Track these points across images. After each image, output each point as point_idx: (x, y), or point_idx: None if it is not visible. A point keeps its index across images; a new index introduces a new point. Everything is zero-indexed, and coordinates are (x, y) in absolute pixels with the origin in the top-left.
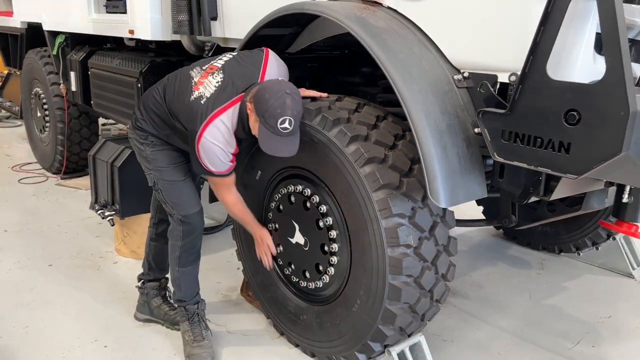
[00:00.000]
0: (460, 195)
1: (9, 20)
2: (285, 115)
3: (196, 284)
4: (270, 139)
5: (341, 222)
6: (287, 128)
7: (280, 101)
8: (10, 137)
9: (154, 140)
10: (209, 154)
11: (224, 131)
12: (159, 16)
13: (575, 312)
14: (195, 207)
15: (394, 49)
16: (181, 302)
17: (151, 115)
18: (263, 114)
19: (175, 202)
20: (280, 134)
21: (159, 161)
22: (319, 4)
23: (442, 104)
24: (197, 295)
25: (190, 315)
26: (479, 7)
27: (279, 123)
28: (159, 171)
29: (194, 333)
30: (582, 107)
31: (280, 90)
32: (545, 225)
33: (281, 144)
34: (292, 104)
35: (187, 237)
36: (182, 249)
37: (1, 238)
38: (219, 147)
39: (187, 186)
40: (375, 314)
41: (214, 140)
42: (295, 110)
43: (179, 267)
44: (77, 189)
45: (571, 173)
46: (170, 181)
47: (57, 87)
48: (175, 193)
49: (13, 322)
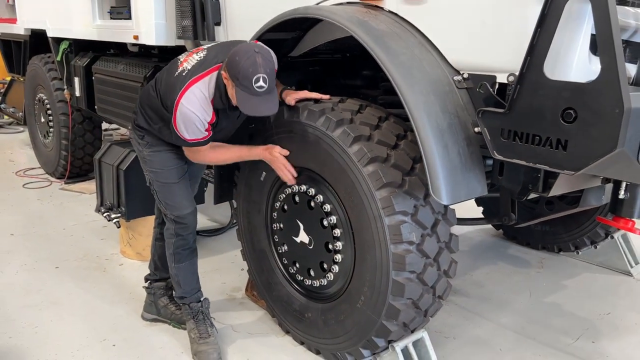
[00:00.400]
0: (462, 192)
1: (13, 27)
2: (258, 73)
3: (195, 280)
4: (249, 100)
5: (345, 220)
6: (263, 86)
7: (250, 60)
8: (13, 143)
9: (150, 140)
10: (185, 120)
11: (200, 98)
12: (163, 22)
13: (574, 309)
14: (188, 208)
15: (396, 52)
16: (183, 299)
17: (146, 109)
18: (237, 76)
19: (169, 203)
20: (258, 94)
21: (155, 163)
22: (322, 9)
23: (442, 104)
24: (198, 292)
25: (194, 313)
26: (477, 10)
27: (253, 82)
28: (154, 173)
29: (199, 331)
30: (578, 105)
31: (249, 51)
32: (545, 225)
33: (260, 103)
34: (263, 61)
35: (179, 235)
36: (175, 246)
37: (8, 241)
38: (194, 114)
39: (180, 188)
40: (379, 309)
41: (190, 106)
42: (267, 67)
43: (175, 263)
44: (81, 193)
45: (569, 169)
46: (164, 183)
47: (61, 93)
48: (169, 195)
49: (22, 323)
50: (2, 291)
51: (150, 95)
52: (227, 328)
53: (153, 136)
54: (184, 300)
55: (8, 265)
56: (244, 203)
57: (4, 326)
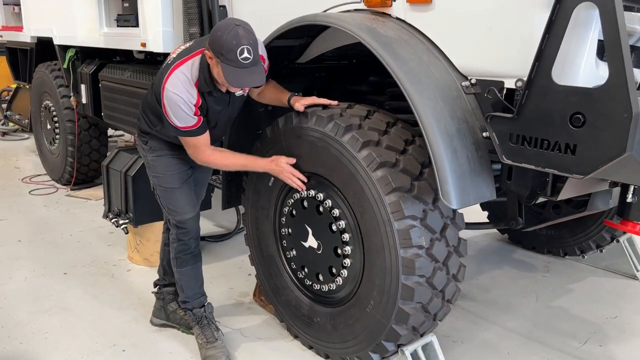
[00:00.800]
0: (471, 196)
1: (19, 35)
2: (242, 45)
3: (198, 285)
4: (236, 73)
5: (354, 225)
6: (248, 57)
7: (232, 33)
8: (18, 150)
9: (153, 145)
10: (171, 105)
11: (183, 80)
12: (170, 29)
13: (581, 313)
14: (190, 213)
15: (404, 58)
16: (185, 303)
17: (147, 113)
18: (221, 51)
19: (170, 207)
20: (244, 66)
21: (158, 168)
22: (331, 16)
23: (451, 110)
24: (201, 297)
25: (198, 319)
26: (485, 16)
27: (238, 54)
28: (157, 178)
29: (205, 336)
30: (586, 110)
31: (230, 24)
32: (550, 229)
33: (247, 75)
34: (245, 33)
35: (181, 240)
36: (176, 250)
37: (16, 248)
38: (178, 96)
39: (182, 193)
40: (389, 314)
41: (174, 90)
42: (250, 39)
43: (177, 267)
44: (87, 199)
45: (577, 173)
46: (166, 188)
47: (68, 100)
48: (171, 199)
49: (32, 329)
50: (12, 297)
51: (148, 98)
52: (235, 333)
53: (156, 140)
54: (187, 305)
55: (17, 272)
56: (252, 208)
57: (14, 332)
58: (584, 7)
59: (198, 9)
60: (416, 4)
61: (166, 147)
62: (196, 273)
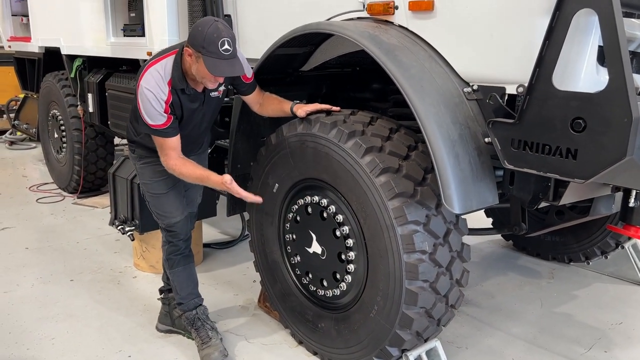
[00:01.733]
0: (473, 201)
1: (27, 45)
2: (223, 37)
3: (191, 286)
4: (217, 64)
5: (357, 230)
6: (229, 49)
7: (213, 27)
8: (26, 159)
9: (139, 153)
10: (143, 101)
11: (156, 77)
12: (176, 38)
13: (586, 319)
14: (177, 217)
15: (407, 65)
16: (181, 305)
17: (132, 122)
18: (202, 44)
19: (159, 212)
20: (225, 57)
21: (145, 175)
22: (334, 24)
23: (453, 115)
24: (195, 298)
25: (191, 321)
26: (486, 23)
27: (219, 46)
28: (145, 184)
29: (200, 337)
30: (587, 115)
31: (209, 20)
32: (555, 235)
33: (227, 65)
34: (224, 27)
35: (170, 242)
36: (167, 252)
37: (23, 255)
38: (150, 92)
39: (169, 198)
40: (393, 318)
41: (147, 86)
42: (229, 33)
43: (169, 269)
44: (93, 207)
45: (579, 178)
46: (153, 194)
47: (75, 109)
48: (159, 205)
49: (40, 335)
50: (19, 304)
51: (133, 107)
52: (240, 339)
53: (142, 147)
54: (182, 306)
55: (24, 279)
56: (257, 215)
57: (21, 338)
58: (584, 14)
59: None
60: (418, 11)
61: (152, 154)
62: (188, 274)
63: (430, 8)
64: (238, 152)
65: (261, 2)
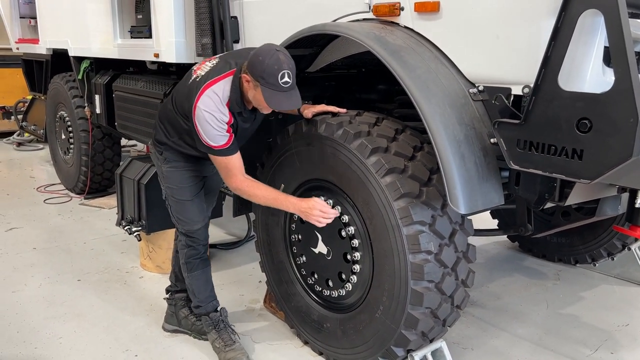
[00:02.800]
0: (479, 202)
1: (35, 47)
2: (283, 70)
3: (209, 288)
4: (275, 96)
5: (363, 231)
6: (288, 82)
7: (274, 58)
8: (33, 160)
9: (168, 156)
10: (202, 123)
11: (215, 100)
12: (183, 40)
13: (592, 321)
14: (198, 224)
15: (412, 65)
16: (199, 308)
17: (164, 123)
18: (262, 74)
19: (181, 218)
20: (283, 89)
21: (171, 180)
22: (340, 25)
23: (459, 116)
24: (213, 300)
25: (215, 323)
26: (492, 24)
27: (279, 78)
28: (170, 189)
29: (223, 339)
30: (593, 115)
31: (271, 50)
32: (561, 237)
33: (285, 98)
34: (285, 58)
35: (190, 246)
36: (186, 256)
37: (31, 255)
38: (210, 114)
39: (193, 205)
40: (398, 319)
41: (206, 108)
42: (290, 64)
43: (188, 272)
44: (100, 208)
45: (585, 178)
46: (178, 200)
47: (82, 110)
48: (181, 210)
49: (47, 334)
50: (27, 303)
51: (167, 109)
52: (246, 339)
53: (172, 151)
54: (201, 309)
55: (32, 279)
56: (262, 215)
57: (29, 337)
58: (590, 14)
59: (210, 20)
60: (424, 12)
61: (181, 159)
62: (206, 277)
63: (436, 9)
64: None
65: (267, 4)
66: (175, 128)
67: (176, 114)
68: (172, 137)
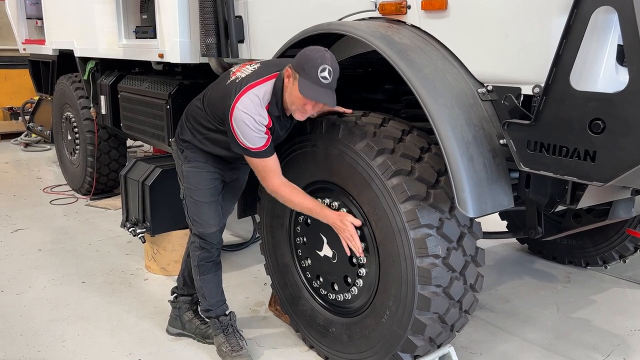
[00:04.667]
0: (488, 204)
1: (42, 48)
2: (325, 64)
3: (219, 292)
4: (310, 87)
5: (369, 233)
6: (327, 78)
7: (320, 54)
8: (40, 161)
9: (189, 155)
10: (240, 125)
11: (255, 101)
12: (187, 40)
13: (604, 325)
14: (213, 227)
15: (419, 65)
16: (209, 311)
17: (191, 122)
18: (303, 66)
19: (196, 220)
20: (320, 84)
21: (191, 180)
22: (345, 24)
23: (467, 117)
24: (223, 304)
25: (224, 327)
26: (501, 22)
27: (319, 71)
28: (189, 189)
29: (230, 344)
30: (606, 116)
31: (319, 48)
32: (571, 239)
33: (321, 92)
34: (331, 58)
35: (204, 248)
36: (199, 258)
37: (36, 257)
38: (249, 116)
39: (210, 208)
40: (405, 324)
41: (245, 109)
42: (334, 64)
43: (199, 275)
44: (106, 209)
45: (597, 181)
46: (196, 201)
47: (88, 111)
48: (198, 212)
49: (51, 337)
50: (31, 306)
51: (196, 108)
52: (250, 342)
53: (194, 149)
54: (210, 313)
55: (36, 280)
56: (268, 217)
57: (32, 340)
58: (603, 12)
59: (214, 20)
60: (431, 11)
61: (203, 159)
62: (218, 281)
63: (444, 7)
64: None
65: (272, 3)
66: (202, 127)
67: (206, 113)
68: (198, 135)
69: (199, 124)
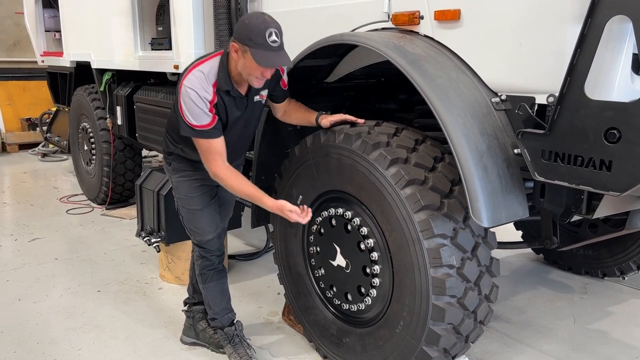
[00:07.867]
0: (502, 214)
1: (59, 60)
2: (270, 28)
3: (224, 301)
4: (264, 55)
5: (382, 243)
6: (276, 41)
7: (260, 19)
8: (57, 171)
9: (176, 166)
10: (187, 100)
11: (200, 77)
12: (202, 51)
13: (622, 337)
14: (210, 234)
15: (432, 75)
16: (214, 320)
17: (170, 133)
18: (249, 36)
19: (192, 228)
20: (272, 48)
21: (181, 190)
22: (359, 35)
23: (481, 126)
24: (229, 313)
25: (230, 337)
26: (515, 32)
27: (267, 36)
28: (180, 199)
29: (239, 354)
30: (622, 125)
31: (256, 13)
32: (588, 249)
33: (276, 56)
34: (270, 19)
35: (204, 257)
36: (200, 267)
37: (52, 265)
38: (193, 91)
39: (203, 215)
40: (419, 335)
41: (190, 85)
42: (276, 24)
43: (202, 283)
44: (121, 218)
45: (614, 190)
46: (189, 209)
47: (104, 122)
48: (193, 221)
49: (66, 345)
50: (48, 314)
51: (171, 118)
52: (264, 352)
53: (179, 160)
54: (216, 322)
55: (52, 289)
56: (281, 227)
57: (48, 348)
58: (617, 20)
59: (229, 31)
60: (444, 21)
61: (189, 168)
62: (221, 289)
63: (457, 17)
64: (262, 163)
65: (285, 14)
66: (177, 135)
67: (177, 119)
68: (178, 144)
69: (175, 132)
